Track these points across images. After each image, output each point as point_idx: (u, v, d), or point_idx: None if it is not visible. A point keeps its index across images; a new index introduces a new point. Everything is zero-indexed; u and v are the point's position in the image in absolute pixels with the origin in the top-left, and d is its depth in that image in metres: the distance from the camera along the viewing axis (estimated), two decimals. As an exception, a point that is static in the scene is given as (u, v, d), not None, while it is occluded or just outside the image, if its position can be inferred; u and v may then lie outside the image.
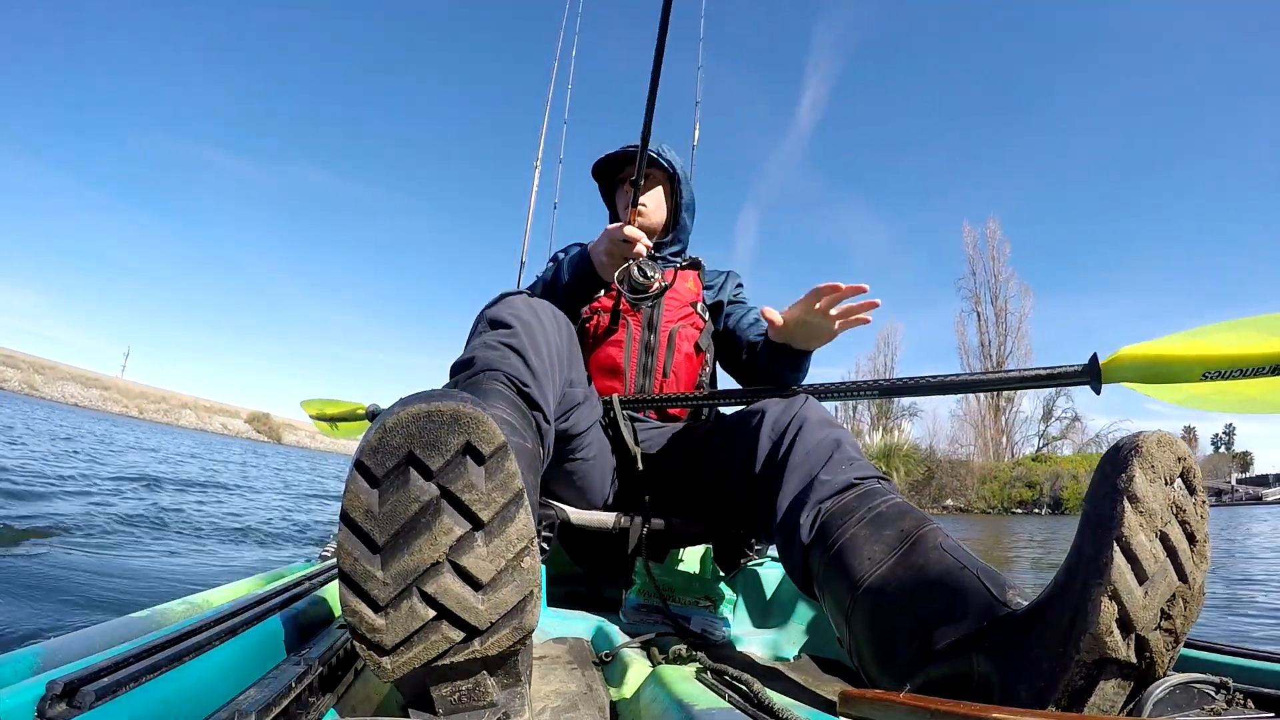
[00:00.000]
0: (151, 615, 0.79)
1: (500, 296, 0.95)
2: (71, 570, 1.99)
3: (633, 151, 1.36)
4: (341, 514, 0.48)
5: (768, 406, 0.99)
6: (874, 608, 0.70)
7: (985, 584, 0.64)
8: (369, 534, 0.48)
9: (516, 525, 0.51)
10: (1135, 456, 0.54)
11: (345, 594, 0.49)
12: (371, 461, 0.48)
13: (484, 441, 0.49)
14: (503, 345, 0.84)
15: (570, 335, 0.99)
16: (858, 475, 0.83)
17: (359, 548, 0.48)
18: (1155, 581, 0.53)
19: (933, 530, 0.73)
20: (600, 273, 1.19)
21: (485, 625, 0.50)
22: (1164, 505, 0.54)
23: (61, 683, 0.44)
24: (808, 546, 0.80)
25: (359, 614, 0.48)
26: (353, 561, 0.48)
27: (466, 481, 0.49)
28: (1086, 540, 0.55)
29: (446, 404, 0.49)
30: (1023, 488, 28.77)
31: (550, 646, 1.01)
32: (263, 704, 0.48)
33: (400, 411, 0.48)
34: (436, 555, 0.49)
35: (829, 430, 0.91)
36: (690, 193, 1.41)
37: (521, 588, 0.51)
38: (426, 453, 0.48)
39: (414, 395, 0.51)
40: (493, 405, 0.76)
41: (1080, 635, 0.52)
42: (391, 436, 0.48)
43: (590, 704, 0.74)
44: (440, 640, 0.50)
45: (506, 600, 0.51)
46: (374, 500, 0.48)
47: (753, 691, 0.56)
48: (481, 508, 0.49)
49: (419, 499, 0.48)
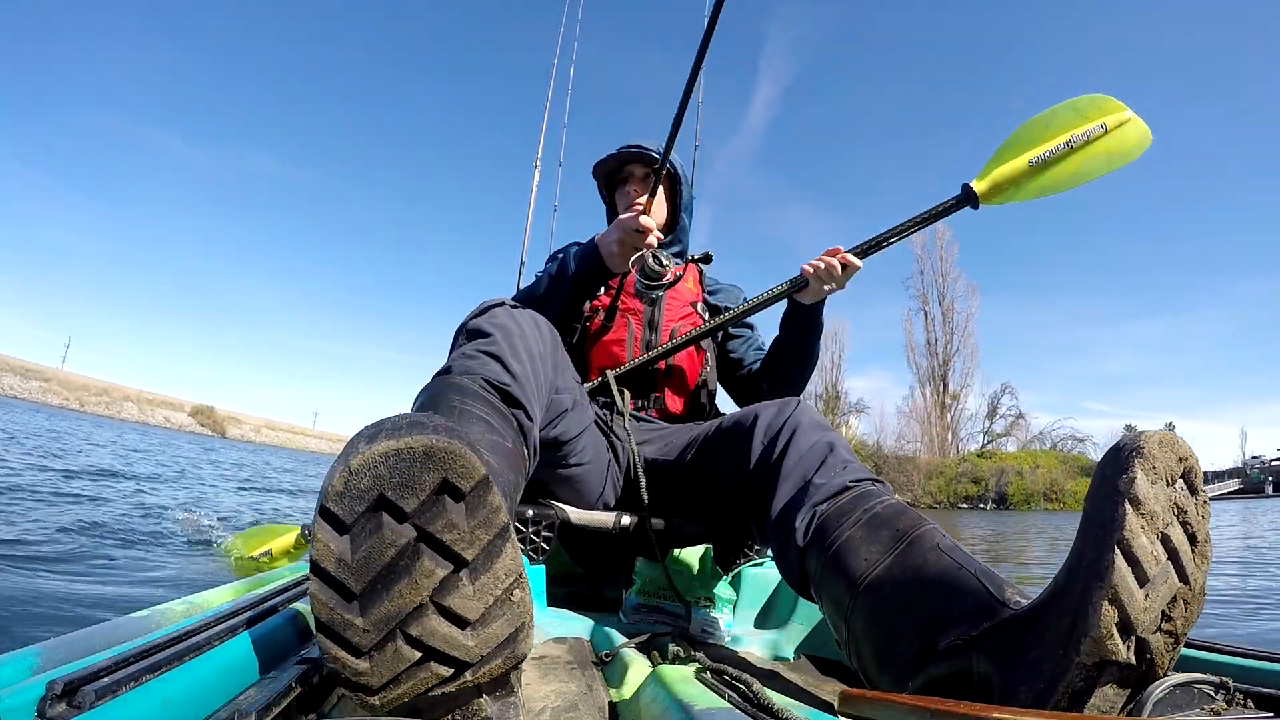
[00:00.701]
0: (151, 615, 0.79)
1: (480, 307, 0.94)
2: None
3: (634, 151, 1.36)
4: (311, 564, 0.45)
5: (760, 411, 0.99)
6: (873, 608, 0.70)
7: (984, 583, 0.64)
8: (343, 583, 0.45)
9: (503, 561, 0.48)
10: (1137, 458, 0.53)
11: (325, 643, 0.46)
12: (338, 508, 0.44)
13: (462, 477, 0.46)
14: (481, 353, 0.83)
15: (554, 342, 0.98)
16: (852, 478, 0.83)
17: (334, 598, 0.45)
18: (1156, 584, 0.52)
19: (930, 530, 0.73)
20: (609, 263, 1.18)
21: (476, 659, 0.48)
22: (1165, 506, 0.53)
23: (61, 683, 0.44)
24: (804, 548, 0.80)
25: (341, 660, 0.46)
26: (329, 611, 0.45)
27: (446, 521, 0.46)
28: (1088, 542, 0.54)
29: (417, 439, 0.45)
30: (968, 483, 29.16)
31: (550, 646, 1.01)
32: (263, 704, 0.48)
33: (365, 450, 0.44)
34: (419, 599, 0.46)
35: (822, 434, 0.91)
36: (690, 194, 1.42)
37: (513, 621, 0.49)
38: (399, 494, 0.45)
39: (378, 427, 0.47)
40: (469, 405, 0.74)
41: (1080, 638, 0.52)
42: (358, 479, 0.44)
43: (590, 704, 0.74)
44: (429, 677, 0.48)
45: (497, 635, 0.48)
46: (345, 548, 0.45)
47: (752, 691, 0.56)
48: (464, 547, 0.46)
49: (395, 543, 0.45)
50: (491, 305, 0.93)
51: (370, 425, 0.47)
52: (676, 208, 1.39)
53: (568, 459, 1.08)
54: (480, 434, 0.72)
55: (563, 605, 1.26)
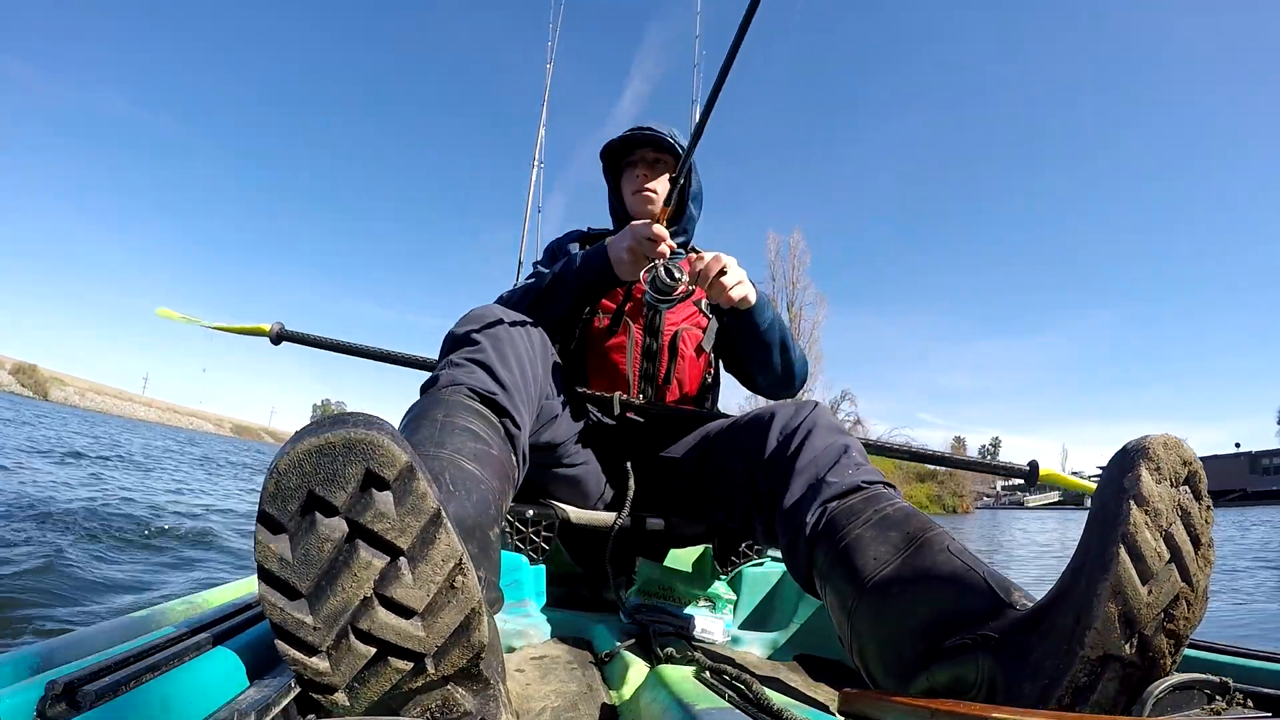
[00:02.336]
0: (151, 615, 0.79)
1: (469, 314, 0.94)
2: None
3: (645, 134, 1.31)
4: (257, 567, 0.47)
5: (777, 410, 0.99)
6: (879, 606, 0.70)
7: (992, 586, 0.64)
8: (288, 582, 0.46)
9: (440, 547, 0.49)
10: (1142, 457, 0.54)
11: (282, 646, 0.47)
12: (273, 508, 0.46)
13: (385, 465, 0.47)
14: (468, 361, 0.84)
15: (544, 348, 0.98)
16: (865, 479, 0.84)
17: (282, 598, 0.47)
18: (1159, 580, 0.53)
19: (939, 534, 0.73)
20: (618, 271, 1.13)
21: (433, 650, 0.49)
22: (1169, 506, 0.54)
23: (61, 683, 0.44)
24: (813, 543, 0.80)
25: (301, 662, 0.47)
26: (280, 613, 0.46)
27: (375, 511, 0.47)
28: (1093, 537, 0.56)
29: (336, 433, 0.46)
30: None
31: (550, 646, 1.01)
32: (262, 704, 0.48)
33: (290, 451, 0.46)
34: (363, 592, 0.47)
35: (837, 436, 0.92)
36: (699, 182, 1.38)
37: (461, 607, 0.49)
38: (327, 489, 0.46)
39: (305, 429, 0.49)
40: (453, 417, 0.75)
41: (1085, 631, 0.53)
42: (287, 479, 0.46)
43: (590, 704, 0.74)
44: (391, 673, 0.48)
45: (448, 623, 0.49)
46: (285, 547, 0.46)
47: (752, 691, 0.56)
48: (397, 535, 0.47)
49: (330, 538, 0.46)
50: (480, 312, 0.93)
51: (300, 429, 0.49)
52: (685, 197, 1.36)
53: (563, 459, 1.09)
54: (463, 443, 0.72)
55: (563, 605, 1.26)
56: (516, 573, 1.16)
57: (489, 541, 0.65)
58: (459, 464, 0.69)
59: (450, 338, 0.91)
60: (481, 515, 0.66)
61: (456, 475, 0.67)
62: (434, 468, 0.66)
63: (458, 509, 0.63)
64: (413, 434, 0.73)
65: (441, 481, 0.65)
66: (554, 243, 1.46)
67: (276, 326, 1.59)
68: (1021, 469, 1.33)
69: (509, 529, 1.18)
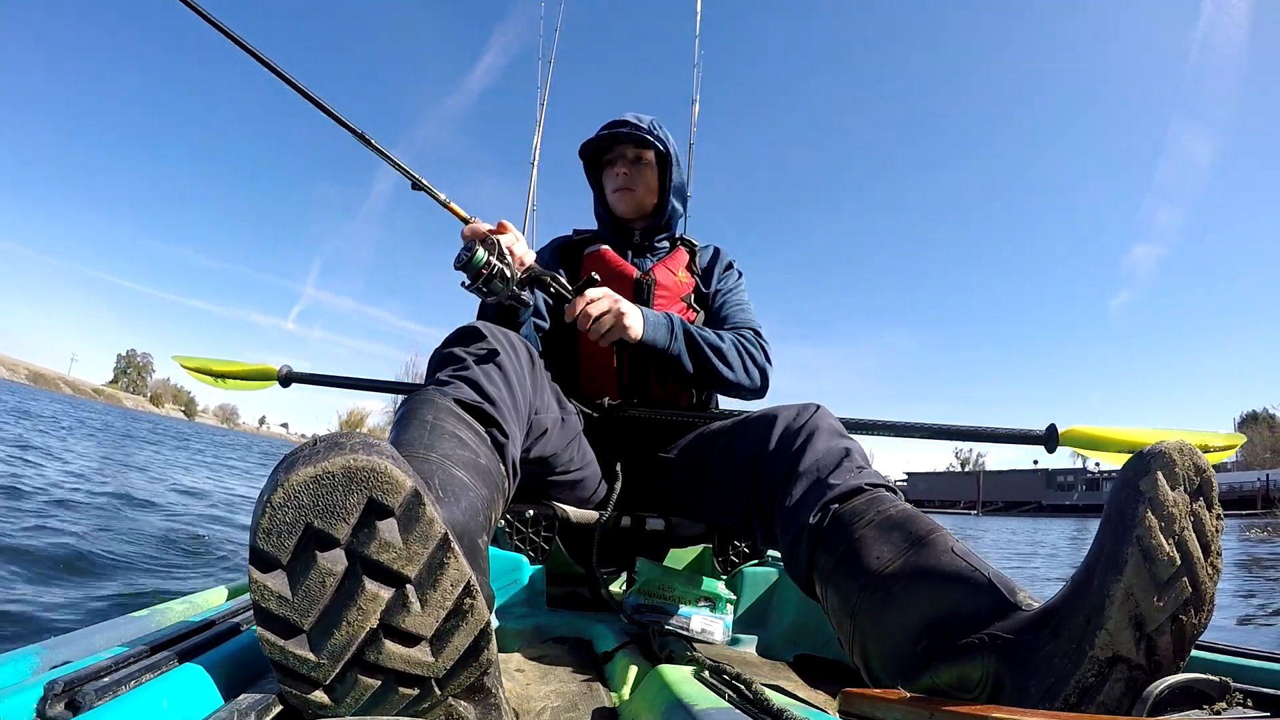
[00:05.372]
0: (151, 615, 0.79)
1: (455, 332, 0.93)
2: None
3: (622, 131, 1.29)
4: (254, 606, 0.44)
5: (780, 412, 0.99)
6: (882, 606, 0.70)
7: (997, 586, 0.64)
8: (289, 621, 0.44)
9: (449, 572, 0.47)
10: (1157, 462, 0.55)
11: (284, 681, 0.45)
12: (268, 545, 0.43)
13: (389, 493, 0.44)
14: (454, 377, 0.83)
15: (533, 363, 0.97)
16: (867, 481, 0.84)
17: (281, 638, 0.44)
18: (1169, 584, 0.54)
19: (943, 534, 0.73)
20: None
21: (441, 674, 0.48)
22: (1182, 512, 0.55)
23: (61, 683, 0.44)
24: (815, 544, 0.80)
25: (303, 699, 0.45)
26: (281, 652, 0.44)
27: (380, 542, 0.44)
28: (1106, 538, 0.56)
29: (334, 460, 0.43)
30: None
31: (550, 646, 1.01)
32: (262, 704, 0.48)
33: (285, 481, 0.43)
34: (369, 624, 0.45)
35: (839, 439, 0.92)
36: (681, 177, 1.36)
37: (470, 630, 0.48)
38: (326, 522, 0.43)
39: (296, 453, 0.45)
40: (441, 420, 0.74)
41: (1096, 631, 0.53)
42: (282, 513, 0.43)
43: (590, 704, 0.74)
44: (398, 699, 0.47)
45: (459, 646, 0.48)
46: (283, 585, 0.43)
47: (752, 691, 0.56)
48: (404, 565, 0.45)
49: (332, 573, 0.44)
50: (465, 330, 0.92)
51: (289, 453, 0.46)
52: (666, 189, 1.33)
53: (556, 470, 1.08)
54: (451, 449, 0.71)
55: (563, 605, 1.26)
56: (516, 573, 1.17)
57: (477, 548, 0.65)
58: (448, 469, 0.68)
59: (436, 356, 0.89)
60: (470, 522, 0.65)
61: (446, 480, 0.66)
62: (423, 470, 0.65)
63: (447, 515, 0.62)
64: (401, 434, 0.72)
65: (431, 485, 0.64)
66: (540, 250, 1.42)
67: (284, 369, 1.64)
68: (1037, 434, 1.20)
69: (509, 529, 1.18)
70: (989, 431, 1.25)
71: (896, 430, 1.27)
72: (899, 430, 1.27)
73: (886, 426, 1.26)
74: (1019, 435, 1.24)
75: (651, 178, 1.33)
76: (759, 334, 1.30)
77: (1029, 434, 1.22)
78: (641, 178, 1.32)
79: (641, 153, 1.32)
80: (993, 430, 1.25)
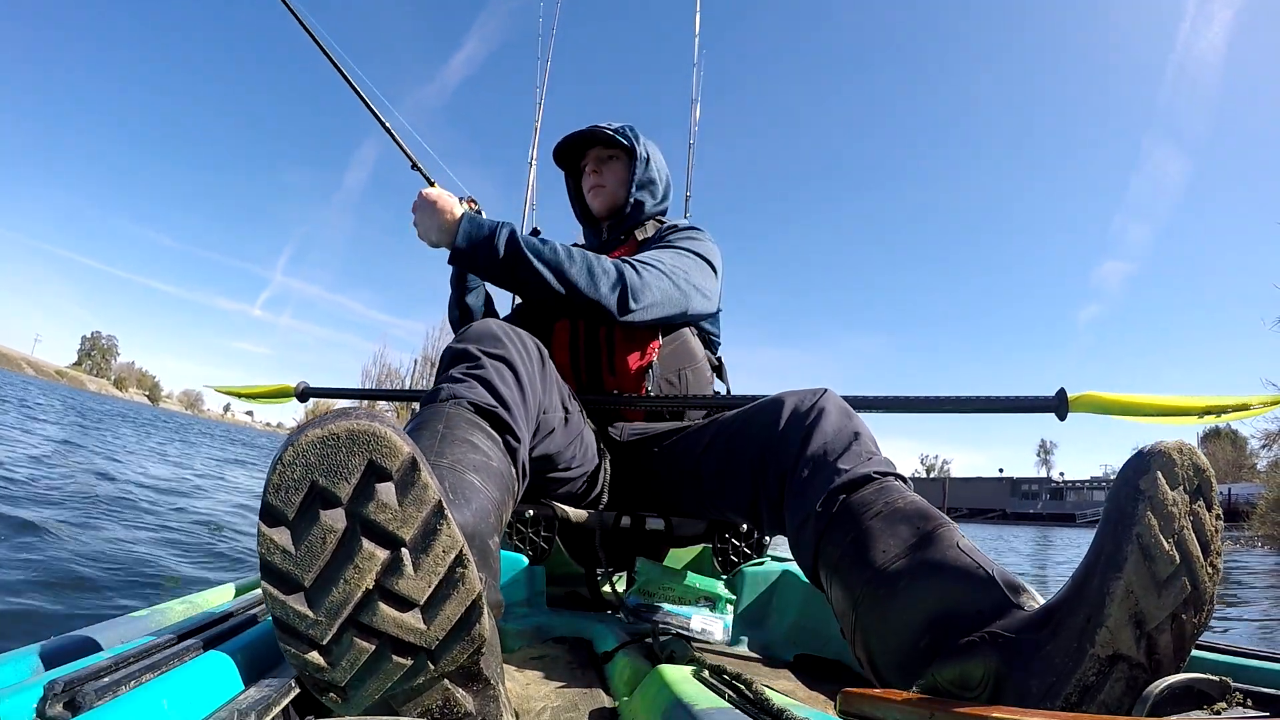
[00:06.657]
0: (151, 615, 0.79)
1: (467, 329, 0.93)
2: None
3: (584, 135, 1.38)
4: (260, 560, 0.47)
5: (786, 397, 0.98)
6: (885, 600, 0.70)
7: (1001, 584, 0.64)
8: (291, 575, 0.47)
9: (441, 538, 0.49)
10: (1157, 461, 0.55)
11: (283, 640, 0.47)
12: (277, 500, 0.46)
13: (387, 457, 0.47)
14: (468, 377, 0.84)
15: (543, 361, 0.97)
16: (877, 469, 0.83)
17: (284, 592, 0.47)
18: (1169, 582, 0.54)
19: (950, 530, 0.73)
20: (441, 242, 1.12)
21: (434, 645, 0.49)
22: (1182, 511, 0.55)
23: (61, 683, 0.44)
24: (822, 532, 0.80)
25: (302, 659, 0.47)
26: (282, 606, 0.47)
27: (377, 503, 0.47)
28: (1106, 537, 0.56)
29: (340, 425, 0.47)
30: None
31: (550, 646, 1.01)
32: (262, 704, 0.48)
33: (295, 442, 0.46)
34: (365, 584, 0.47)
35: (848, 421, 0.91)
36: (647, 172, 1.36)
37: (463, 599, 0.49)
38: (330, 480, 0.46)
39: (307, 422, 0.49)
40: (453, 429, 0.75)
41: (1096, 629, 0.53)
42: (291, 470, 0.46)
43: (590, 704, 0.74)
44: (392, 669, 0.48)
45: (450, 615, 0.49)
46: (288, 540, 0.46)
47: (752, 691, 0.56)
48: (399, 526, 0.48)
49: (333, 529, 0.47)
50: (479, 327, 0.92)
51: (302, 422, 0.49)
52: (630, 186, 1.34)
53: (557, 466, 1.09)
54: (463, 453, 0.72)
55: (563, 605, 1.26)
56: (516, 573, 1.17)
57: (488, 550, 0.66)
58: (459, 473, 0.69)
59: (449, 352, 0.90)
60: (481, 523, 0.66)
61: (456, 483, 0.67)
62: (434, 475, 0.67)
63: (457, 517, 0.63)
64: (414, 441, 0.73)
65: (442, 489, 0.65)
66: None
67: (300, 386, 1.70)
68: (1046, 400, 1.14)
69: (509, 529, 1.18)
70: (995, 400, 1.18)
71: (901, 405, 1.22)
72: (904, 405, 1.22)
73: (892, 401, 1.22)
74: (1026, 402, 1.16)
75: (622, 172, 1.38)
76: (647, 263, 1.17)
77: (1037, 400, 1.15)
78: (612, 173, 1.37)
79: (611, 152, 1.39)
80: (998, 398, 1.17)
